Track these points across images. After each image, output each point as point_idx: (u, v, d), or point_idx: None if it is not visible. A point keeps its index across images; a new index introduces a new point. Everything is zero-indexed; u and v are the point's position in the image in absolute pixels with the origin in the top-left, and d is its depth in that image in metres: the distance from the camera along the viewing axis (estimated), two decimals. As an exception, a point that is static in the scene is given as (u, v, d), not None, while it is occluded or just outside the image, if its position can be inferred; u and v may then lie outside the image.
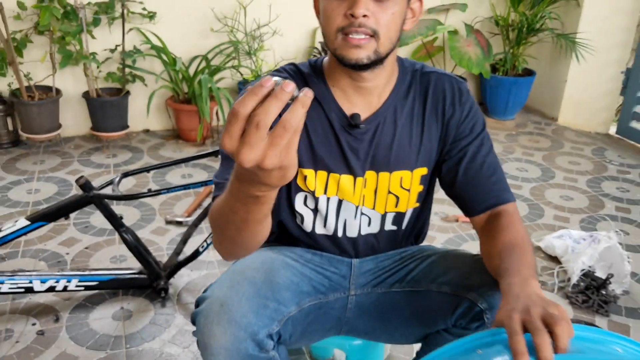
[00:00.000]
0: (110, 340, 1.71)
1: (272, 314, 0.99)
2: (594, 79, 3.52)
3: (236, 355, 0.95)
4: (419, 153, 1.13)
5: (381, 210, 1.17)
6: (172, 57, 3.03)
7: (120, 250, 2.15)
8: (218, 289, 1.01)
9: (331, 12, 0.99)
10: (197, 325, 0.99)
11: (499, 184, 1.15)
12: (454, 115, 1.13)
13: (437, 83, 1.15)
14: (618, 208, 2.62)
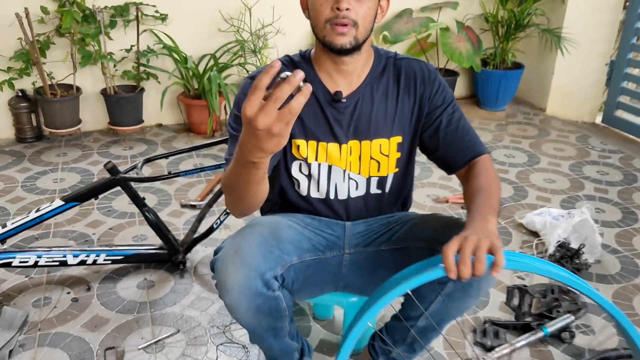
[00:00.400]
0: (137, 305, 1.94)
1: (276, 259, 1.22)
2: (580, 71, 3.73)
3: (247, 291, 1.18)
4: (393, 123, 1.36)
5: (365, 174, 1.39)
6: (183, 55, 3.26)
7: (140, 231, 2.38)
8: (232, 240, 1.24)
9: (320, 7, 1.23)
10: (216, 268, 1.23)
11: (474, 141, 1.39)
12: (425, 92, 1.37)
13: (408, 66, 1.38)
14: (597, 189, 2.84)
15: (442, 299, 1.30)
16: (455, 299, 1.29)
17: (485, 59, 3.83)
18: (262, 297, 1.21)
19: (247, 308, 1.22)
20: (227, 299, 1.21)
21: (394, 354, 1.48)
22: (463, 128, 1.39)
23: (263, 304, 1.22)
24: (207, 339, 1.78)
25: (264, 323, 1.28)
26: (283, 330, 1.35)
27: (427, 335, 1.42)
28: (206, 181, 2.81)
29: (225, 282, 1.19)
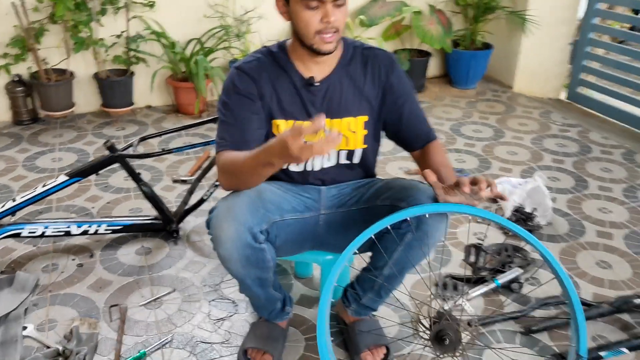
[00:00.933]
0: (136, 269, 2.16)
1: (262, 216, 1.45)
2: (544, 51, 3.97)
3: (238, 243, 1.42)
4: (360, 104, 1.59)
5: (336, 148, 1.62)
6: (170, 40, 3.44)
7: (136, 204, 2.60)
8: (224, 202, 1.47)
9: (309, 20, 1.42)
10: (211, 225, 1.46)
11: (428, 127, 1.67)
12: (388, 81, 1.60)
13: (374, 57, 1.60)
14: (554, 160, 3.10)
15: (402, 248, 1.53)
16: (414, 247, 1.52)
17: (456, 40, 4.06)
18: (250, 249, 1.44)
19: (237, 258, 1.45)
20: (221, 251, 1.45)
21: (364, 300, 1.72)
22: (421, 116, 1.66)
23: (251, 255, 1.45)
24: (200, 296, 2.01)
25: (251, 273, 1.52)
26: (268, 280, 1.59)
27: (392, 282, 1.65)
28: (195, 158, 3.03)
29: (219, 236, 1.43)
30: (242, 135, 1.51)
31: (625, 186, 2.83)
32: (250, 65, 1.55)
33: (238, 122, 1.52)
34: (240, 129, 1.52)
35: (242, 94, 1.53)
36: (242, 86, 1.53)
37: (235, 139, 1.50)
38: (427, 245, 1.52)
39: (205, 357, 1.74)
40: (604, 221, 2.51)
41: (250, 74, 1.53)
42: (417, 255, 1.55)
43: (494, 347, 1.78)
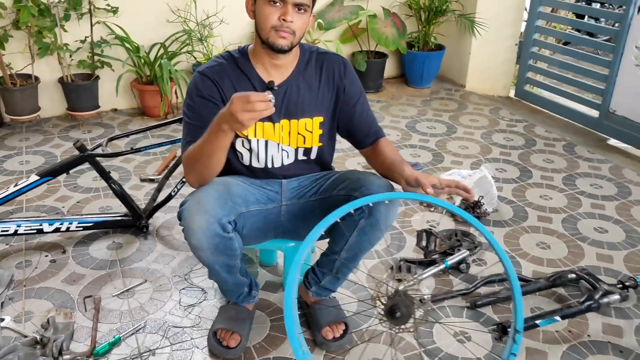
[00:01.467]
0: (108, 263, 2.27)
1: (230, 208, 1.59)
2: (493, 51, 4.22)
3: (208, 232, 1.55)
4: (316, 106, 1.74)
5: (294, 146, 1.77)
6: (134, 45, 3.54)
7: (106, 203, 2.69)
8: (194, 195, 1.60)
9: (269, 15, 1.55)
10: (182, 216, 1.59)
11: (376, 126, 1.82)
12: (342, 84, 1.74)
13: (329, 61, 1.75)
14: (501, 152, 3.33)
15: (357, 233, 1.69)
16: (367, 233, 1.68)
17: (411, 42, 4.27)
18: (219, 238, 1.57)
19: (208, 247, 1.58)
20: (192, 240, 1.57)
21: (324, 282, 1.87)
22: (370, 116, 1.81)
23: (220, 243, 1.59)
24: (170, 286, 2.13)
25: (220, 260, 1.65)
26: (235, 267, 1.73)
27: (349, 265, 1.82)
28: (161, 158, 3.13)
29: (191, 227, 1.56)
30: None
31: (564, 175, 3.07)
32: (212, 69, 1.67)
33: (201, 124, 1.62)
34: (204, 131, 1.61)
35: (205, 97, 1.65)
36: (205, 90, 1.65)
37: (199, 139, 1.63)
38: (380, 230, 1.68)
39: (178, 340, 1.87)
40: (544, 207, 2.73)
41: (212, 78, 1.66)
42: (370, 240, 1.72)
43: (443, 321, 1.96)
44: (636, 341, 1.90)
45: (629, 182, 3.02)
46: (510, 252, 2.37)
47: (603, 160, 3.27)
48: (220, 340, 1.82)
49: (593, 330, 1.94)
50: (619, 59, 3.41)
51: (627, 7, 3.30)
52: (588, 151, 3.38)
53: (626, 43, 3.36)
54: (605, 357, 1.83)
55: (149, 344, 1.84)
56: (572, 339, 1.91)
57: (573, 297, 2.09)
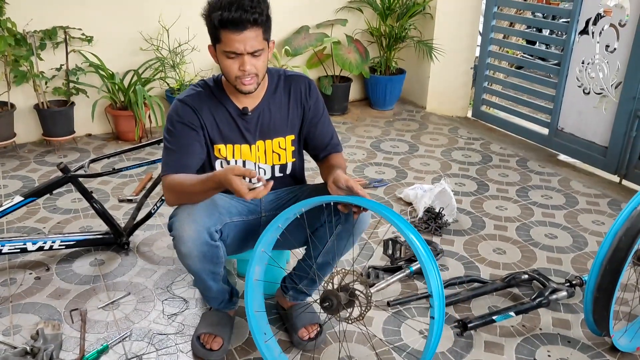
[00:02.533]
0: (92, 278, 2.37)
1: (216, 219, 1.74)
2: (450, 75, 4.50)
3: (198, 241, 1.69)
4: (287, 125, 1.90)
5: (270, 163, 1.93)
6: (109, 72, 3.67)
7: (86, 223, 2.79)
8: (184, 208, 1.74)
9: (230, 67, 1.69)
10: (173, 226, 1.72)
11: (334, 142, 1.98)
12: (308, 104, 1.91)
13: (295, 83, 1.91)
14: (460, 168, 3.56)
15: (334, 238, 1.84)
16: (343, 238, 1.84)
17: (373, 67, 4.52)
18: (207, 246, 1.72)
19: (196, 254, 1.72)
20: (182, 248, 1.71)
21: (301, 286, 2.02)
22: (329, 132, 1.98)
23: (208, 252, 1.73)
24: (153, 297, 2.25)
25: (207, 268, 1.79)
26: (219, 274, 1.87)
27: (325, 269, 1.97)
28: (138, 180, 3.25)
29: (181, 236, 1.70)
30: (185, 160, 1.78)
31: (518, 187, 3.31)
32: (191, 98, 1.81)
33: (182, 149, 1.77)
34: (183, 155, 1.78)
35: (186, 123, 1.78)
36: (186, 117, 1.78)
37: (180, 164, 1.78)
38: (354, 234, 1.84)
39: (163, 346, 1.99)
40: (500, 217, 2.95)
41: (192, 106, 1.79)
42: (345, 244, 1.88)
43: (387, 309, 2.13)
44: (582, 332, 2.10)
45: (575, 192, 3.28)
46: (469, 258, 2.57)
47: (553, 173, 3.54)
48: (204, 344, 1.95)
49: (544, 324, 2.14)
50: (564, 80, 3.71)
51: (569, 33, 3.61)
52: (539, 165, 3.64)
53: (570, 66, 3.66)
54: (555, 347, 2.03)
55: (135, 351, 1.96)
56: (525, 332, 2.10)
57: (526, 296, 2.29)
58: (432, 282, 1.49)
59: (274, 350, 1.91)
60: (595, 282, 1.86)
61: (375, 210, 1.59)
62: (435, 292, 1.50)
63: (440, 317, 1.53)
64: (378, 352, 1.98)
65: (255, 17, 1.63)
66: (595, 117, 3.55)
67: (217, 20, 1.63)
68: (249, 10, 1.61)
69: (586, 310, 1.94)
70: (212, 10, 1.65)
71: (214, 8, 1.64)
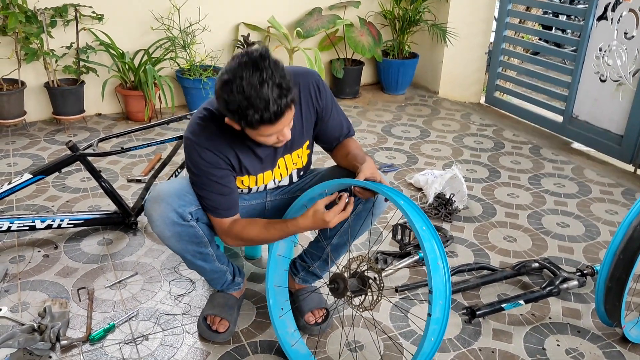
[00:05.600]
0: (99, 257, 2.37)
1: (190, 200, 1.69)
2: (464, 60, 4.43)
3: (166, 220, 1.67)
4: (303, 135, 1.80)
5: (289, 172, 1.88)
6: (119, 51, 3.65)
7: (94, 202, 2.79)
8: (157, 186, 1.72)
9: (266, 140, 1.55)
10: (145, 206, 1.71)
11: (346, 129, 1.89)
12: (320, 106, 1.79)
13: (304, 85, 1.72)
14: (472, 155, 3.51)
15: (353, 217, 1.80)
16: (362, 217, 1.81)
17: (386, 50, 4.46)
18: (179, 226, 1.68)
19: (170, 235, 1.70)
20: (154, 229, 1.70)
21: (312, 268, 2.00)
22: (339, 122, 1.87)
23: (182, 232, 1.70)
24: (160, 277, 2.25)
25: (189, 248, 1.77)
26: (209, 255, 1.83)
27: (339, 251, 1.95)
28: (147, 160, 3.24)
29: (151, 216, 1.68)
30: (232, 199, 1.71)
31: (530, 175, 3.27)
32: (210, 140, 1.62)
33: (222, 192, 1.68)
34: (227, 195, 1.69)
35: (216, 166, 1.65)
36: (213, 161, 1.63)
37: (228, 206, 1.71)
38: (374, 215, 1.80)
39: (169, 326, 1.98)
40: (511, 204, 2.92)
41: (215, 151, 1.63)
42: (364, 225, 1.85)
43: (390, 297, 2.12)
44: (592, 322, 2.07)
45: (589, 181, 3.23)
46: (479, 245, 2.54)
47: (566, 161, 3.48)
48: (210, 325, 1.94)
49: (554, 313, 2.12)
50: (580, 67, 3.63)
51: (587, 19, 3.53)
52: (552, 153, 3.59)
53: (587, 52, 3.58)
54: (564, 336, 2.00)
55: (142, 330, 1.95)
56: (534, 321, 2.07)
57: (536, 285, 2.27)
58: (434, 279, 1.44)
59: (288, 326, 1.90)
60: (608, 272, 1.83)
61: (395, 203, 1.54)
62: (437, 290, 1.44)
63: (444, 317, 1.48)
64: (382, 338, 1.96)
65: (291, 97, 1.48)
66: (611, 105, 3.48)
67: (254, 120, 1.45)
68: (285, 96, 1.45)
69: (597, 300, 1.91)
70: (241, 109, 1.44)
71: (245, 107, 1.43)
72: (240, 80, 1.41)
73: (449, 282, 1.50)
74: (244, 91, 1.41)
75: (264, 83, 1.41)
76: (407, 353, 1.89)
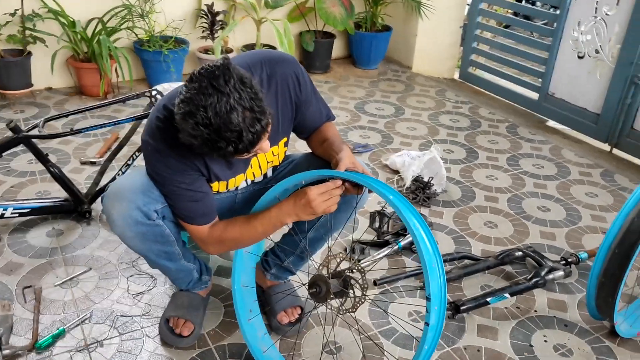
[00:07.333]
0: (48, 250, 2.15)
1: (156, 197, 1.49)
2: (438, 34, 4.26)
3: (129, 220, 1.47)
4: (279, 131, 1.60)
5: (263, 172, 1.69)
6: (70, 19, 3.34)
7: (43, 187, 2.55)
8: (118, 181, 1.53)
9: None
10: (103, 203, 1.51)
11: (325, 116, 1.70)
12: (299, 97, 1.59)
13: (282, 79, 1.53)
14: (448, 134, 3.38)
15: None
16: (342, 211, 1.61)
17: (358, 23, 4.25)
18: (144, 226, 1.49)
19: (133, 235, 1.50)
20: (115, 229, 1.50)
21: (286, 263, 1.83)
22: (319, 110, 1.67)
23: (147, 231, 1.51)
24: (117, 273, 2.05)
25: (154, 248, 1.58)
26: (174, 254, 1.65)
27: (315, 245, 1.78)
28: (102, 140, 2.99)
29: (111, 215, 1.48)
30: (207, 204, 1.52)
31: (508, 156, 3.15)
32: (172, 146, 1.41)
33: (194, 198, 1.49)
34: (201, 200, 1.50)
35: (183, 172, 1.46)
36: (179, 168, 1.45)
37: (203, 212, 1.51)
38: (353, 207, 1.64)
39: (127, 330, 1.79)
40: (491, 187, 2.80)
41: (177, 156, 1.43)
42: (342, 218, 1.68)
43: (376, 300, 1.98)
44: (579, 315, 1.98)
45: (567, 162, 3.13)
46: (459, 232, 2.41)
47: (543, 141, 3.38)
48: (173, 328, 1.76)
49: (539, 306, 2.01)
50: (557, 43, 3.51)
51: (567, -7, 3.40)
52: (529, 132, 3.48)
53: (564, 28, 3.46)
54: (551, 331, 1.90)
55: (96, 335, 1.76)
56: (520, 314, 1.96)
57: (519, 274, 2.16)
58: (432, 285, 1.30)
59: (257, 330, 1.73)
60: (602, 266, 1.72)
61: (385, 197, 1.35)
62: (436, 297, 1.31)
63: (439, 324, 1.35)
64: (362, 337, 1.82)
65: (266, 121, 1.27)
66: (588, 83, 3.38)
67: (228, 153, 1.27)
68: (259, 120, 1.25)
69: (589, 295, 1.80)
70: (210, 142, 1.24)
71: (215, 140, 1.23)
72: (205, 111, 1.19)
73: (445, 285, 1.35)
74: (211, 124, 1.20)
75: (233, 110, 1.20)
76: (388, 355, 1.76)
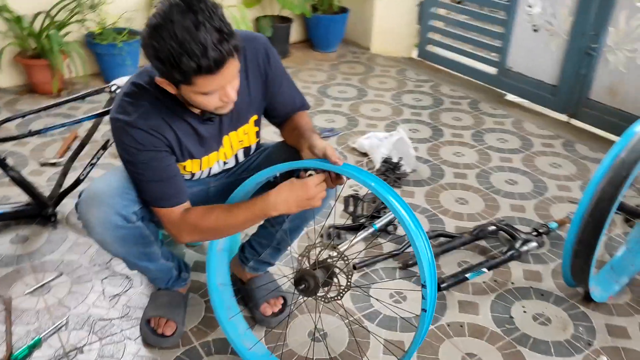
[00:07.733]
0: (14, 258, 2.06)
1: (133, 199, 1.46)
2: (395, 13, 4.26)
3: (108, 225, 1.43)
4: (250, 108, 1.57)
5: (234, 152, 1.64)
6: (15, 15, 3.17)
7: (3, 192, 2.43)
8: (92, 184, 1.47)
9: (207, 103, 1.30)
10: (79, 209, 1.45)
11: (299, 103, 1.68)
12: (269, 73, 1.55)
13: (251, 53, 1.50)
14: (412, 113, 3.39)
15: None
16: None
17: (315, 5, 4.20)
18: (124, 229, 1.45)
19: (113, 240, 1.46)
20: (93, 236, 1.45)
21: (263, 255, 1.80)
22: (292, 94, 1.65)
23: (127, 235, 1.47)
24: (91, 276, 1.98)
25: (134, 251, 1.53)
26: (154, 254, 1.61)
27: (292, 236, 1.75)
28: (61, 139, 2.88)
29: (88, 221, 1.43)
30: (176, 185, 1.45)
31: (473, 131, 3.19)
32: (143, 118, 1.37)
33: (165, 175, 1.43)
34: (170, 181, 1.44)
35: (152, 150, 1.40)
36: (148, 143, 1.38)
37: (174, 191, 1.45)
38: (327, 197, 1.59)
39: (106, 334, 1.74)
40: (458, 164, 2.83)
41: (148, 130, 1.38)
42: (320, 208, 1.65)
43: (365, 287, 1.99)
44: (554, 283, 2.03)
45: (530, 134, 3.20)
46: (432, 210, 2.44)
47: (505, 115, 3.44)
48: (155, 329, 1.72)
49: (516, 278, 2.05)
50: (512, 17, 3.56)
51: (520, -34, 3.43)
52: (491, 107, 3.54)
53: (518, 1, 3.50)
54: (529, 302, 1.95)
55: (74, 342, 1.70)
56: (498, 287, 2.00)
57: (494, 248, 2.20)
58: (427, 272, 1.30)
59: (238, 327, 1.71)
60: (576, 235, 1.76)
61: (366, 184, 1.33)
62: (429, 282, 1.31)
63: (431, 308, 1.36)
64: (347, 322, 1.82)
65: (234, 44, 1.23)
66: (544, 56, 3.45)
67: (190, 69, 1.20)
68: (227, 40, 1.21)
69: (564, 264, 1.85)
70: (173, 56, 1.19)
71: (179, 54, 1.18)
72: (172, 24, 1.17)
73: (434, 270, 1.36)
74: (176, 35, 1.17)
75: (200, 25, 1.18)
76: (375, 337, 1.77)
